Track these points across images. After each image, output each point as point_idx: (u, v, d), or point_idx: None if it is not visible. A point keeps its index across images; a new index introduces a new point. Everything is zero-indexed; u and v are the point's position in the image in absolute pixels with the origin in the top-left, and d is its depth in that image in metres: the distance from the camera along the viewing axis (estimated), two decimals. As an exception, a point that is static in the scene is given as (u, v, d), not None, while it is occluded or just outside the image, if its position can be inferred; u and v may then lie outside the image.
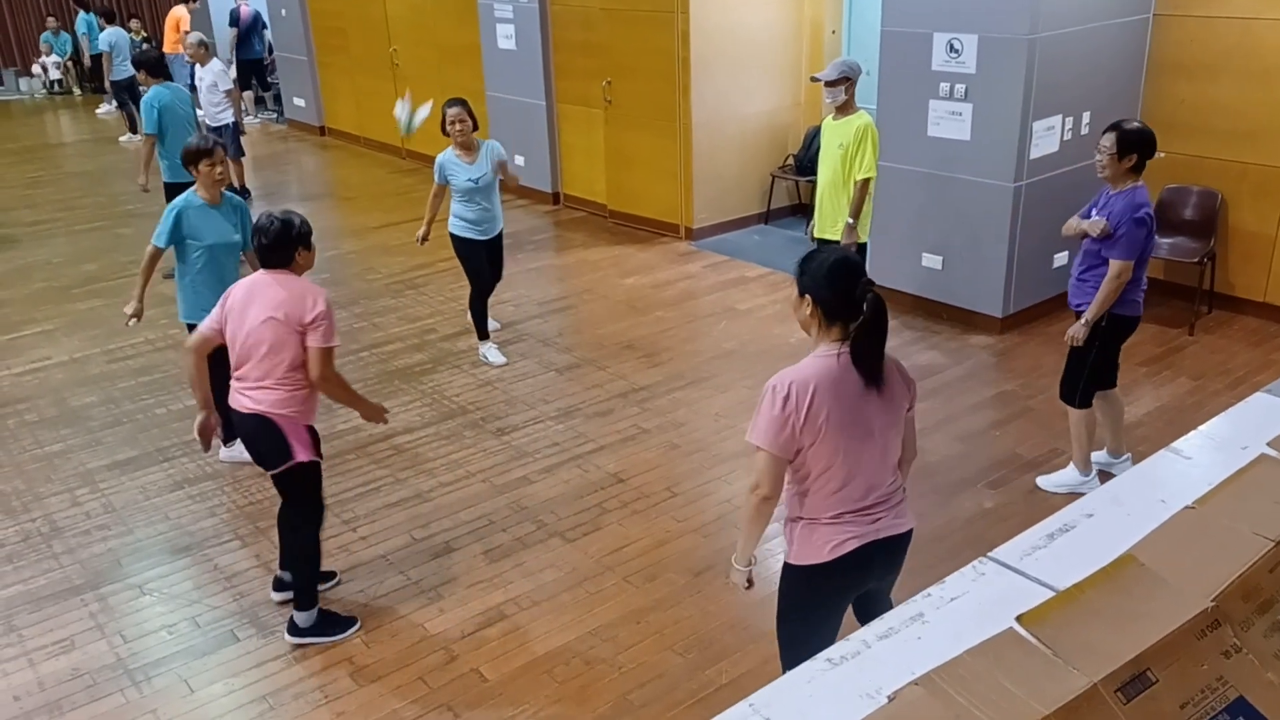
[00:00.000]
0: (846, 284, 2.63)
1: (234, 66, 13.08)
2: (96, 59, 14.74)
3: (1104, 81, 6.38)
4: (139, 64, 7.90)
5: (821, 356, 2.67)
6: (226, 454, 5.19)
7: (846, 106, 5.57)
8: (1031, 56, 5.83)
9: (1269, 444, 1.86)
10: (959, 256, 6.46)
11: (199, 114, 8.41)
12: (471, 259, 6.25)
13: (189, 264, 4.90)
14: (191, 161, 4.87)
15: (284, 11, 12.94)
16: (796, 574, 2.85)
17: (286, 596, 4.08)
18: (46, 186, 11.04)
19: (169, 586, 4.26)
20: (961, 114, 6.17)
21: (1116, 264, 4.20)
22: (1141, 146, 4.19)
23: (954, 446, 5.11)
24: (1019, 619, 1.36)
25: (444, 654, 3.81)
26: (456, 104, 6.01)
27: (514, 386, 5.98)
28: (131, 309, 5.02)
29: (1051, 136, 6.17)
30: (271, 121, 14.21)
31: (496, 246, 6.39)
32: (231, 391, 3.76)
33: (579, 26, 8.91)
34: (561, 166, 9.66)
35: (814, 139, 8.45)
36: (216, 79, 9.26)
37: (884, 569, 2.89)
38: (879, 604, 3.02)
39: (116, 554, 4.48)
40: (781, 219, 8.94)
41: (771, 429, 2.63)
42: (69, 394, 6.06)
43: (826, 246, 2.83)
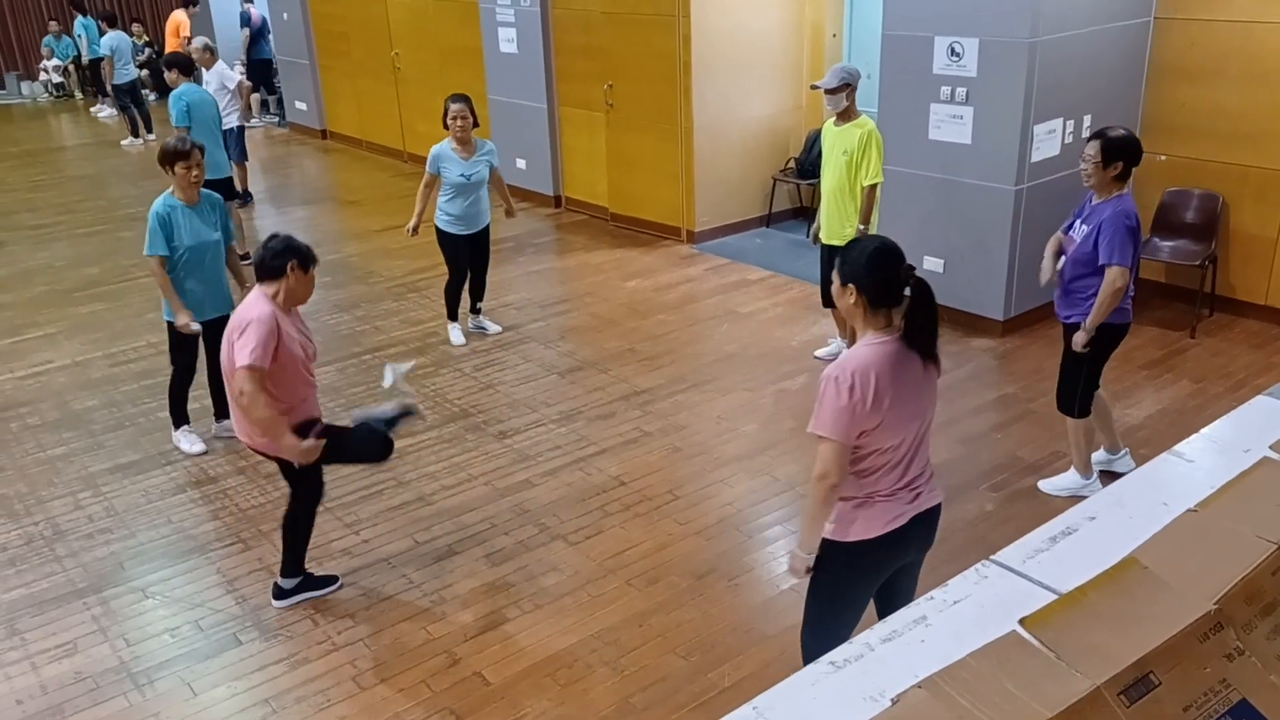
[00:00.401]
0: (888, 271, 2.68)
1: (243, 67, 13.12)
2: (95, 62, 14.77)
3: (1105, 85, 6.38)
4: (170, 64, 7.99)
5: (872, 344, 2.72)
6: (176, 437, 5.41)
7: (848, 112, 5.57)
8: (1032, 60, 5.84)
9: (1271, 447, 1.86)
10: (960, 260, 6.46)
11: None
12: (450, 251, 6.52)
13: (173, 265, 4.97)
14: (167, 163, 4.92)
15: (286, 15, 12.96)
16: (848, 550, 2.89)
17: (289, 603, 4.10)
18: (48, 190, 11.06)
19: (171, 590, 4.26)
20: (963, 117, 6.18)
21: (1113, 271, 4.18)
22: (1126, 154, 4.16)
23: (956, 449, 5.11)
24: (1022, 622, 1.36)
25: (446, 657, 3.81)
26: (460, 100, 6.24)
27: (516, 390, 5.98)
28: (185, 319, 4.97)
29: (1052, 140, 6.18)
30: (273, 125, 14.22)
31: (479, 242, 6.57)
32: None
33: (580, 30, 8.93)
34: (563, 169, 9.67)
35: (815, 142, 8.46)
36: (223, 81, 9.29)
37: (921, 543, 2.99)
38: (904, 587, 3.07)
39: (119, 557, 4.49)
40: (783, 222, 8.94)
41: (840, 419, 2.67)
42: (71, 397, 6.07)
43: (867, 235, 2.87)
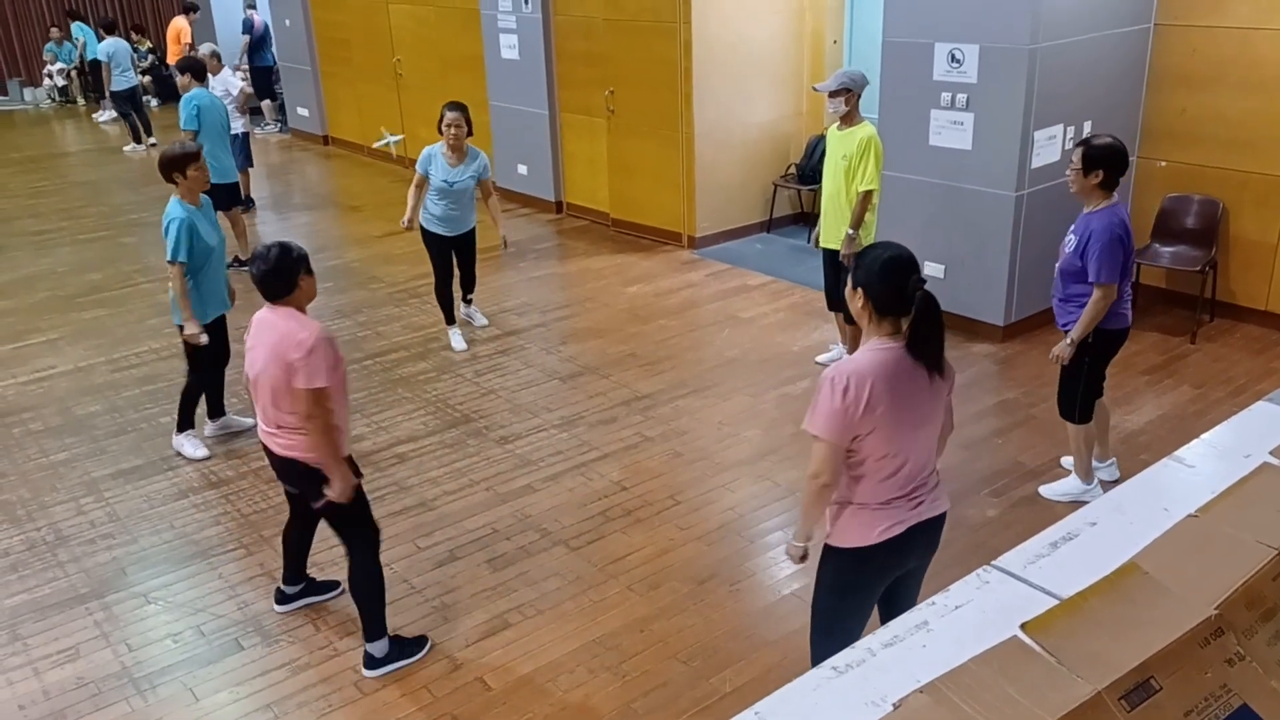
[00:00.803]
0: (898, 280, 2.70)
1: (243, 74, 13.15)
2: (96, 65, 14.80)
3: (1105, 91, 6.40)
4: (184, 69, 8.01)
5: (876, 350, 2.74)
6: (174, 442, 5.40)
7: (850, 117, 5.57)
8: (1032, 66, 5.86)
9: (1271, 452, 1.87)
10: (961, 265, 6.47)
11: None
12: (434, 249, 6.58)
13: (194, 269, 4.97)
14: (178, 167, 4.91)
15: (288, 22, 12.99)
16: (840, 556, 2.91)
17: (291, 608, 4.08)
18: (51, 196, 11.07)
19: (173, 595, 4.26)
20: (963, 123, 6.19)
21: (1099, 289, 4.16)
22: (1107, 163, 4.11)
23: (957, 454, 5.11)
24: (1023, 627, 1.37)
25: (448, 662, 3.81)
26: (457, 109, 6.28)
27: (517, 395, 5.99)
28: (195, 328, 4.99)
29: (1053, 146, 6.19)
30: (275, 131, 14.25)
31: (463, 244, 6.64)
32: (262, 431, 3.66)
33: (581, 36, 8.95)
34: (564, 175, 9.69)
35: (816, 148, 8.48)
36: (228, 88, 9.33)
37: (922, 550, 2.98)
38: (907, 592, 3.07)
39: (121, 563, 4.49)
40: (784, 228, 8.95)
41: (832, 420, 2.70)
42: (73, 403, 6.08)
43: (882, 242, 2.88)
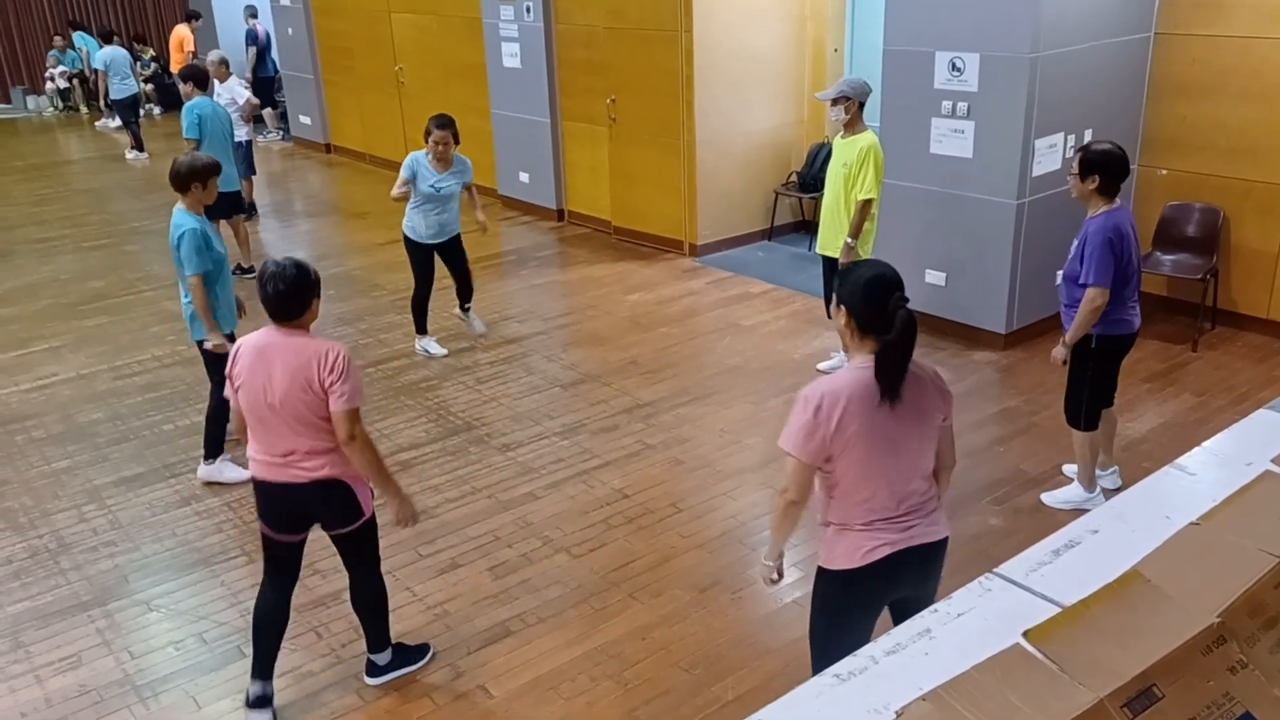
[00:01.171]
0: (880, 299, 2.68)
1: (249, 84, 13.18)
2: (97, 73, 14.83)
3: (1106, 100, 6.41)
4: (186, 77, 8.04)
5: (856, 369, 2.72)
6: (204, 472, 5.20)
7: (853, 125, 5.59)
8: (1033, 75, 5.87)
9: (1273, 460, 1.87)
10: (962, 273, 6.48)
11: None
12: (417, 259, 6.55)
13: (210, 281, 4.87)
14: (199, 177, 4.83)
15: (291, 30, 13.04)
16: (829, 578, 2.88)
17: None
18: (54, 204, 11.10)
19: (176, 603, 4.27)
20: (964, 132, 6.20)
21: (1090, 291, 4.19)
22: (1103, 168, 4.13)
23: (959, 462, 5.07)
24: (1026, 635, 1.37)
25: (449, 670, 3.81)
26: (444, 126, 6.20)
27: (519, 402, 5.99)
28: (220, 338, 4.88)
29: (1054, 154, 6.20)
30: (277, 139, 14.28)
31: (450, 248, 6.59)
32: (270, 466, 3.37)
33: (583, 45, 8.98)
34: (566, 183, 9.70)
35: (817, 156, 8.50)
36: (234, 96, 9.37)
37: (917, 577, 2.88)
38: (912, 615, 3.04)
39: (123, 570, 4.49)
40: (785, 235, 8.97)
41: (801, 436, 2.68)
42: (76, 410, 6.08)
43: (869, 260, 2.87)
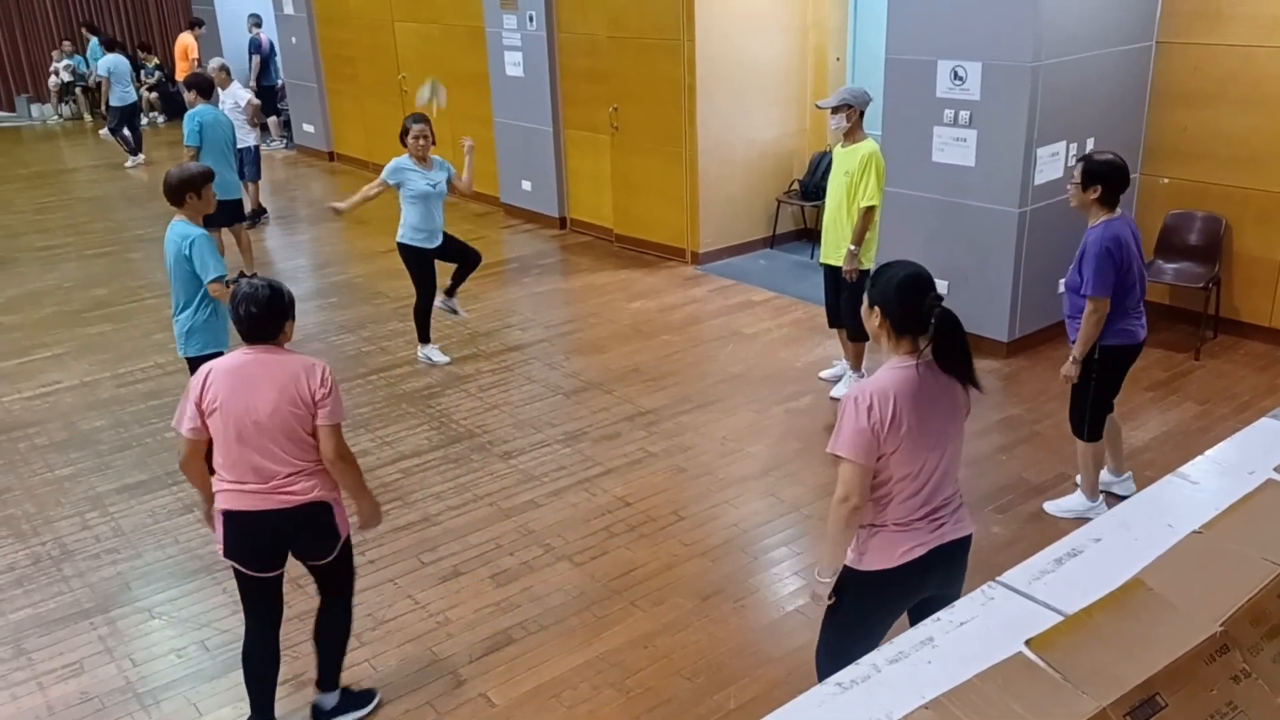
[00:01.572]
0: (915, 298, 2.69)
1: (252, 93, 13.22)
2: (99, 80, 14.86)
3: (1107, 108, 6.42)
4: (190, 85, 8.07)
5: (896, 368, 2.73)
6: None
7: (853, 134, 5.60)
8: (1035, 84, 5.88)
9: (1275, 469, 1.87)
10: (965, 281, 6.48)
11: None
12: (418, 267, 6.51)
13: (204, 294, 4.73)
14: (193, 187, 4.64)
15: (294, 39, 13.09)
16: (863, 579, 2.86)
17: None
18: (57, 211, 11.13)
19: (178, 610, 4.27)
20: (966, 140, 6.21)
21: (1090, 302, 4.21)
22: (1106, 179, 4.15)
23: (961, 471, 5.09)
24: (1028, 643, 1.37)
25: (452, 679, 3.81)
26: (422, 120, 6.36)
27: (521, 410, 6.00)
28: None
29: (1056, 163, 6.21)
30: (280, 147, 14.31)
31: (447, 246, 6.57)
32: (250, 495, 3.24)
33: (586, 54, 9.00)
34: (568, 191, 9.72)
35: (819, 164, 8.51)
36: (237, 100, 9.41)
37: (943, 575, 2.90)
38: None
39: (126, 577, 4.50)
40: (787, 243, 8.98)
41: (858, 440, 2.68)
42: (79, 418, 6.09)
43: (899, 261, 2.87)
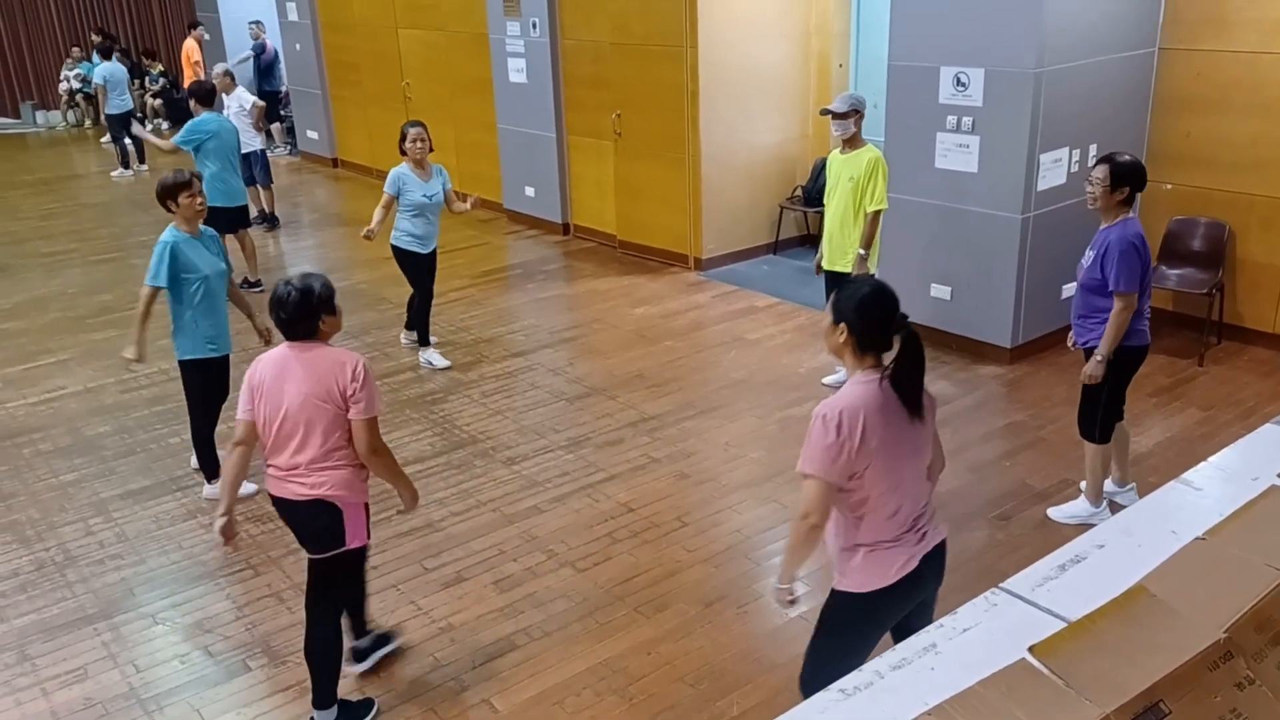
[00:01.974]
0: (881, 316, 2.69)
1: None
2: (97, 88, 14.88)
3: (1111, 115, 6.42)
4: (190, 93, 8.11)
5: (862, 383, 2.72)
6: (210, 491, 5.18)
7: (854, 140, 5.63)
8: (1038, 90, 5.89)
9: (1279, 475, 1.87)
10: (968, 287, 6.48)
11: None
12: (414, 270, 6.73)
13: (186, 299, 4.84)
14: (170, 195, 4.80)
15: (298, 46, 13.13)
16: (857, 601, 2.84)
17: (368, 665, 3.85)
18: (61, 218, 11.16)
19: (181, 616, 4.27)
20: (969, 146, 6.22)
21: (1121, 298, 4.22)
22: (1133, 179, 4.24)
23: (964, 477, 5.11)
24: (1031, 650, 1.37)
25: (455, 685, 3.80)
26: (419, 125, 6.64)
27: (524, 416, 6.00)
28: (133, 354, 4.91)
29: (1059, 169, 6.21)
30: (284, 154, 14.34)
31: (432, 262, 6.82)
32: (272, 479, 3.43)
33: (589, 60, 9.02)
34: (571, 197, 9.74)
35: (822, 170, 8.51)
36: (242, 104, 9.44)
37: (932, 580, 2.93)
38: (920, 623, 3.03)
39: (129, 583, 4.50)
40: (790, 249, 8.98)
41: (826, 456, 2.65)
42: (83, 423, 6.10)
43: (861, 277, 2.86)
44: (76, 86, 17.09)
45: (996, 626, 1.67)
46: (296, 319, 3.35)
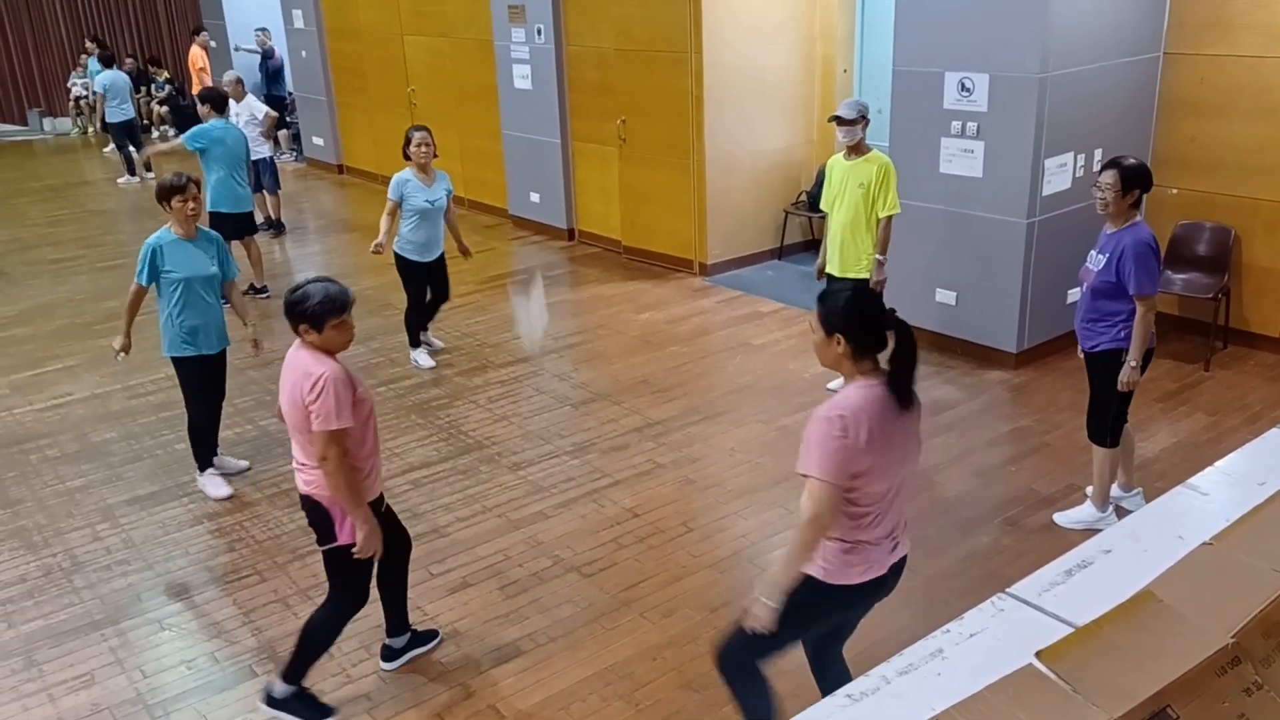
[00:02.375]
0: (872, 316, 2.71)
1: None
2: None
3: (1115, 119, 6.42)
4: (203, 99, 8.14)
5: (864, 387, 2.73)
6: (201, 480, 5.35)
7: (860, 146, 5.64)
8: (1042, 95, 5.89)
9: (1285, 481, 1.87)
10: (973, 292, 6.48)
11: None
12: (414, 279, 6.77)
13: (166, 298, 5.01)
14: (164, 197, 4.95)
15: (304, 53, 13.17)
16: (823, 590, 2.83)
17: (397, 665, 3.92)
18: (69, 224, 11.20)
19: (188, 622, 4.28)
20: (974, 151, 6.22)
21: (1143, 301, 4.23)
22: (1142, 181, 4.28)
23: (970, 482, 5.10)
24: (1038, 655, 1.37)
25: (460, 690, 3.81)
26: (423, 129, 6.67)
27: (529, 421, 6.00)
28: (120, 344, 5.16)
29: (1063, 174, 6.21)
30: (290, 160, 14.38)
31: (439, 268, 6.85)
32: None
33: (593, 67, 9.04)
34: (576, 203, 9.75)
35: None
36: (253, 112, 9.47)
37: (885, 593, 2.95)
38: (845, 635, 3.07)
39: (136, 589, 4.51)
40: (795, 255, 8.98)
41: (831, 460, 2.65)
42: (90, 429, 6.12)
43: (840, 287, 2.87)
44: (81, 93, 17.15)
45: (1003, 632, 1.67)
46: (286, 316, 3.44)
